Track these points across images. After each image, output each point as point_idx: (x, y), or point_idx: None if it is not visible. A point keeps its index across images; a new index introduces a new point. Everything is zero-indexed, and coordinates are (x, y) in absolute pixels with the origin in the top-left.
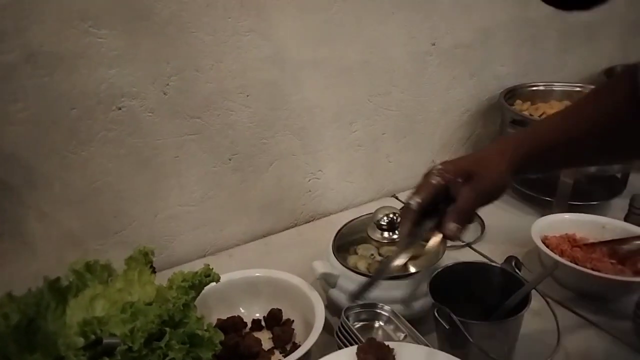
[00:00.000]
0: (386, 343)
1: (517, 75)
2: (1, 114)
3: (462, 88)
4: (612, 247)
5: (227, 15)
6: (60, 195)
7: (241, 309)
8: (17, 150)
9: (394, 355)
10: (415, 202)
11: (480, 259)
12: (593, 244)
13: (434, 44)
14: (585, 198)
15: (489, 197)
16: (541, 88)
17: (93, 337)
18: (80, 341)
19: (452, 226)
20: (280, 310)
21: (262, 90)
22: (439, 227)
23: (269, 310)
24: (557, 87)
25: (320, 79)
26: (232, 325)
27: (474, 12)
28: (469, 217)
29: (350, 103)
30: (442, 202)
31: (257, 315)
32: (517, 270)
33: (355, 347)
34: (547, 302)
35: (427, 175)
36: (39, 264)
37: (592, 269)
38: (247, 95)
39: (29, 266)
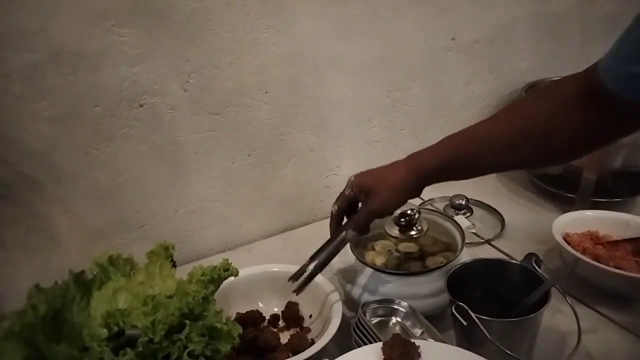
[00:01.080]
0: (412, 340)
1: (539, 69)
2: (27, 112)
3: (482, 83)
4: (637, 245)
5: (245, 12)
6: (84, 190)
7: (260, 303)
8: (43, 147)
9: (419, 352)
10: (334, 209)
11: (499, 256)
12: (617, 242)
13: (453, 39)
14: (609, 194)
15: (380, 214)
16: None
17: (116, 328)
18: (104, 332)
19: (350, 232)
20: (297, 304)
21: (281, 86)
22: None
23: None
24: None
25: (338, 75)
26: (251, 320)
27: (493, 6)
28: (363, 228)
29: (369, 99)
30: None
31: (276, 309)
32: (536, 268)
33: (380, 342)
34: (568, 300)
35: (345, 186)
36: (64, 257)
37: (615, 267)
38: (266, 92)
39: (55, 259)
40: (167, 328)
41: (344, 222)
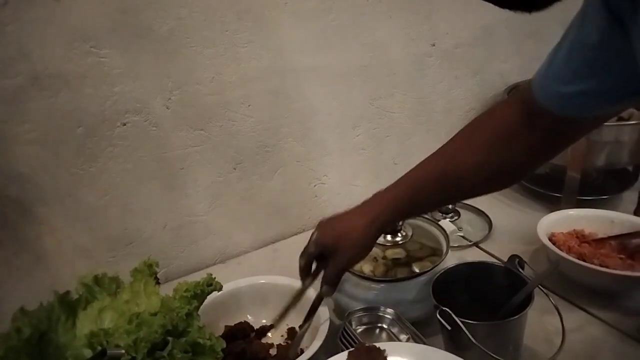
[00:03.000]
0: (377, 345)
1: (522, 70)
2: (11, 135)
3: (465, 87)
4: (622, 242)
5: (224, 28)
6: (71, 210)
7: (249, 315)
8: (28, 169)
9: (385, 356)
10: (301, 262)
11: (487, 258)
12: (602, 240)
13: (433, 45)
14: (595, 192)
15: (349, 268)
16: None
17: (99, 348)
18: (88, 353)
19: (324, 288)
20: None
21: (264, 99)
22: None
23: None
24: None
25: (321, 86)
26: (240, 332)
27: (472, 10)
28: (336, 282)
29: (352, 107)
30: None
31: (264, 321)
32: (520, 269)
33: (346, 352)
34: (551, 300)
35: (309, 241)
36: (52, 277)
37: (601, 265)
38: (249, 105)
39: (43, 280)
40: (149, 346)
41: (312, 269)
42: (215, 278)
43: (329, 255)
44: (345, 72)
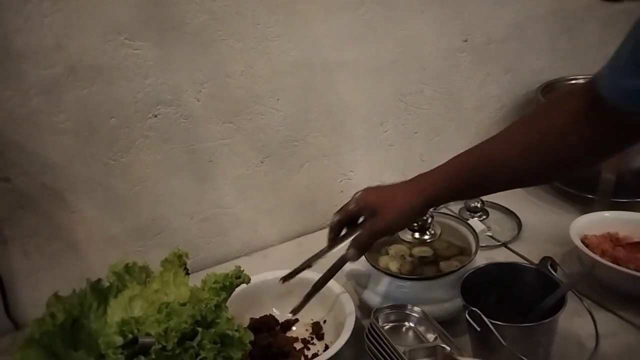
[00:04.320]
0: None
1: (556, 68)
2: (46, 125)
3: (496, 84)
4: None
5: (255, 21)
6: (102, 200)
7: (274, 309)
8: (62, 158)
9: None
10: (333, 220)
11: (516, 258)
12: (637, 243)
13: (465, 41)
14: (629, 195)
15: (384, 234)
16: (581, 81)
17: (130, 336)
18: (119, 340)
19: (350, 251)
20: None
21: (292, 93)
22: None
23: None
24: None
25: (349, 80)
26: (265, 325)
27: (506, 6)
28: (365, 247)
29: (381, 103)
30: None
31: (289, 315)
32: (552, 272)
33: None
34: (585, 304)
35: (351, 199)
36: (83, 265)
37: (636, 270)
38: (278, 99)
39: (74, 267)
40: (179, 335)
41: (342, 234)
42: (243, 270)
43: (367, 217)
44: (375, 67)
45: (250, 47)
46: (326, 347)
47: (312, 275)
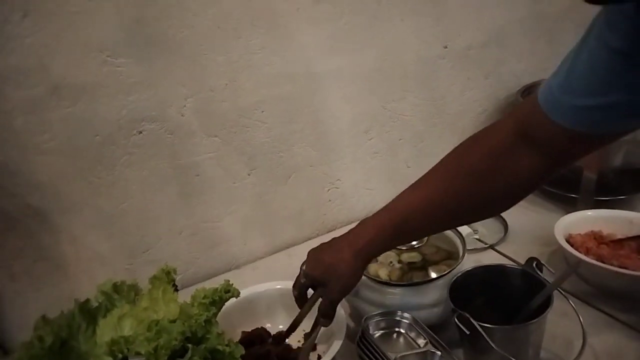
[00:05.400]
0: None
1: (535, 71)
2: (30, 145)
3: (478, 88)
4: None
5: (237, 35)
6: (89, 219)
7: (265, 321)
8: (47, 178)
9: None
10: (294, 293)
11: (503, 260)
12: (621, 240)
13: (446, 47)
14: (612, 193)
15: (340, 299)
16: None
17: (120, 355)
18: None
19: (322, 320)
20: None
21: (277, 105)
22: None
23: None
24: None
25: (333, 90)
26: (257, 338)
27: (485, 11)
28: (331, 314)
29: (365, 111)
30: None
31: (281, 327)
32: (538, 272)
33: None
34: (571, 303)
35: (299, 272)
36: (72, 285)
37: (620, 266)
38: (262, 111)
39: (63, 288)
40: (169, 353)
41: (310, 295)
42: (232, 284)
43: (319, 287)
44: (358, 76)
45: (233, 61)
46: (319, 357)
47: None
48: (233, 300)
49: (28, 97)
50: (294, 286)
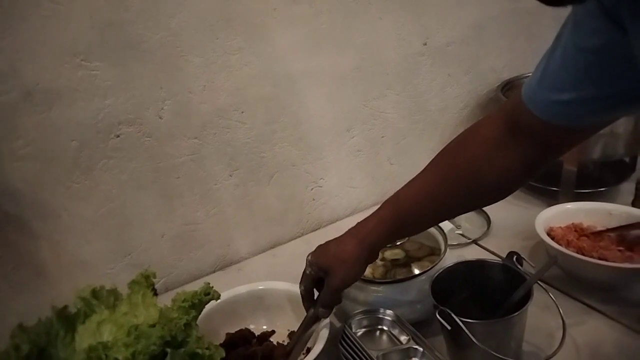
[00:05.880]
0: None
1: (515, 66)
2: (5, 151)
3: (458, 84)
4: (620, 234)
5: (215, 36)
6: (68, 224)
7: (249, 321)
8: (24, 184)
9: None
10: (301, 289)
11: (486, 255)
12: (600, 232)
13: (425, 44)
14: (592, 185)
15: (342, 288)
16: None
17: None
18: None
19: (321, 310)
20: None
21: (257, 105)
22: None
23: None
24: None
25: (314, 89)
26: (241, 339)
27: (463, 8)
28: (331, 303)
29: (346, 110)
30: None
31: (265, 327)
32: (518, 265)
33: None
34: (551, 295)
35: (306, 264)
36: (52, 291)
37: (600, 258)
38: (242, 112)
39: (44, 294)
40: (148, 358)
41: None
42: (212, 287)
43: (323, 277)
44: (338, 75)
45: (210, 62)
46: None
47: (285, 286)
48: (216, 302)
49: (1, 102)
50: (300, 282)
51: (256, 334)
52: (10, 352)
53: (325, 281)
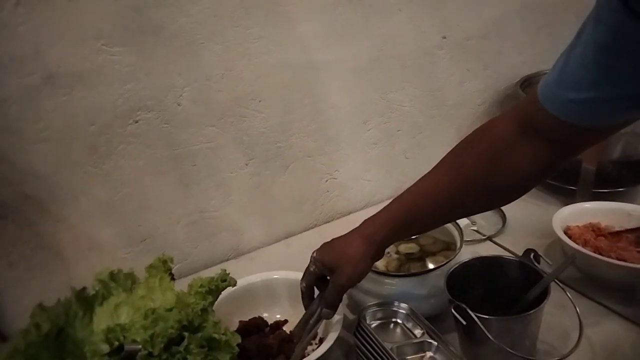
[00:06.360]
0: None
1: (535, 63)
2: (26, 134)
3: (477, 80)
4: (639, 235)
5: (234, 24)
6: (86, 207)
7: (262, 310)
8: (43, 167)
9: None
10: (302, 286)
11: (501, 252)
12: (619, 233)
13: (444, 37)
14: (611, 185)
15: (347, 287)
16: None
17: (117, 343)
18: (105, 348)
19: (324, 311)
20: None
21: (275, 94)
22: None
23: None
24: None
25: (331, 80)
26: (255, 327)
27: (484, 1)
28: (335, 304)
29: (363, 102)
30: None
31: (278, 316)
32: (535, 263)
33: None
34: (568, 294)
35: (310, 261)
36: (69, 273)
37: (617, 259)
38: (260, 101)
39: (61, 276)
40: (166, 341)
41: (316, 295)
42: (229, 274)
43: (328, 275)
44: (356, 66)
45: (230, 50)
46: (319, 342)
47: (299, 276)
48: (231, 289)
49: (23, 85)
50: (302, 278)
51: (269, 323)
52: (31, 330)
53: (331, 279)
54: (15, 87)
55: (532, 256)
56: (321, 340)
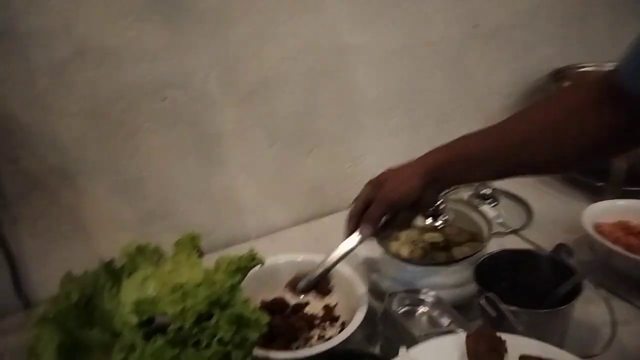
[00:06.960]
0: (497, 334)
1: (566, 55)
2: (55, 108)
3: (506, 70)
4: None
5: (264, 5)
6: (111, 183)
7: (285, 291)
8: (71, 140)
9: (505, 347)
10: (352, 207)
11: (526, 245)
12: None
13: (476, 26)
14: None
15: (391, 202)
16: (591, 69)
17: (146, 316)
18: (135, 319)
19: (363, 227)
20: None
21: (302, 77)
22: None
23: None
24: (609, 67)
25: (359, 65)
26: (277, 307)
27: None
28: (375, 219)
29: (390, 88)
30: None
31: (301, 297)
32: (567, 259)
33: (462, 334)
34: (599, 291)
35: (367, 183)
36: (92, 247)
37: None
38: (286, 84)
39: (83, 249)
40: (196, 316)
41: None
42: (257, 253)
43: (379, 192)
44: (384, 52)
45: (260, 31)
46: (339, 330)
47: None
48: (256, 269)
49: (53, 59)
50: (353, 201)
51: (291, 304)
52: (61, 297)
53: (378, 194)
54: (45, 60)
55: (564, 252)
56: (343, 325)
